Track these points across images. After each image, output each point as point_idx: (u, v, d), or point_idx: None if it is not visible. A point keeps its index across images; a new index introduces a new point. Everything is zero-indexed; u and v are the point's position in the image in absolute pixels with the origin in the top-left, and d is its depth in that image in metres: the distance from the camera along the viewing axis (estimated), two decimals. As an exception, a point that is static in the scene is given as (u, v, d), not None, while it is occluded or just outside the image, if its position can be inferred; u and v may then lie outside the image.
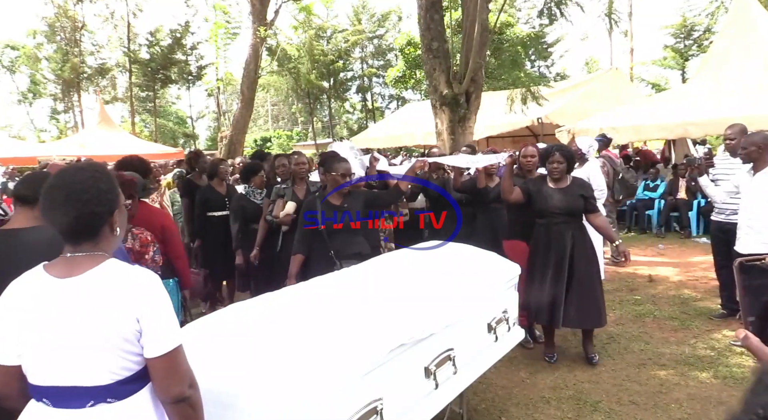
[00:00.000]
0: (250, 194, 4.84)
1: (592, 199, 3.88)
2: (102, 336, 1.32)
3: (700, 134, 9.10)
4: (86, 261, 1.39)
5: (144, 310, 1.35)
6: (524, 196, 3.92)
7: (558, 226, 3.80)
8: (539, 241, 3.88)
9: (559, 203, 3.79)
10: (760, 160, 3.92)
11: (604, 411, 3.26)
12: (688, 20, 27.02)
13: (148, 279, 1.40)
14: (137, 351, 1.37)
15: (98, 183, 1.41)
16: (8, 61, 30.61)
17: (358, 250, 3.46)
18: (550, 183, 3.88)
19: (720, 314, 4.74)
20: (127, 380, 1.37)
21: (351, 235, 3.50)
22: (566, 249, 3.76)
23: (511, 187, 3.91)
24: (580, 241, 3.81)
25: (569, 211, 3.79)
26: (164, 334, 1.37)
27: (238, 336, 1.87)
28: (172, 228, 3.58)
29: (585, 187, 3.92)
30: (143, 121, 34.63)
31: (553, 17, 7.97)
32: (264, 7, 17.22)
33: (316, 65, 23.58)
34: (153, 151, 15.58)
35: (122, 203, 1.50)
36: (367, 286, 2.47)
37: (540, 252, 3.84)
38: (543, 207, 3.84)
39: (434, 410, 2.14)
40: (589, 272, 3.81)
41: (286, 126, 42.56)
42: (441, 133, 7.63)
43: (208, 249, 5.15)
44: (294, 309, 2.15)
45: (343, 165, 3.57)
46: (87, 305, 1.33)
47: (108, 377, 1.35)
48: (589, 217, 3.89)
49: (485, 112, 9.22)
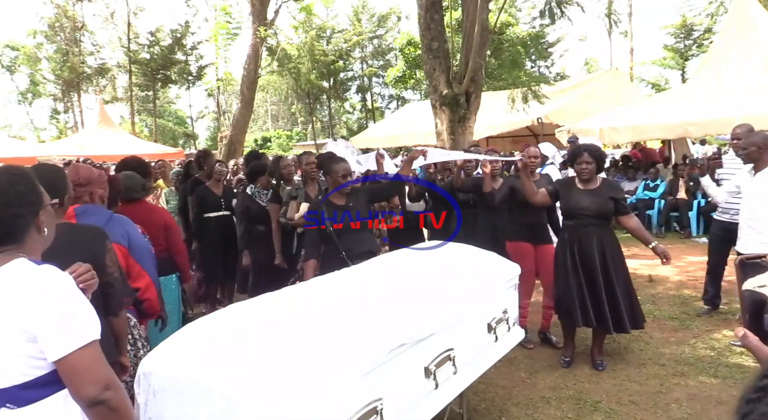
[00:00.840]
0: (255, 195, 4.80)
1: (622, 200, 3.81)
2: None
3: (700, 134, 9.11)
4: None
5: (35, 312, 1.29)
6: (552, 198, 3.87)
7: (587, 228, 3.72)
8: (567, 242, 3.80)
9: (589, 205, 3.71)
10: (760, 161, 3.92)
11: (604, 411, 3.26)
12: (688, 20, 27.04)
13: (47, 278, 1.34)
14: (36, 355, 1.30)
15: (16, 185, 1.40)
16: (8, 61, 30.62)
17: (368, 248, 3.46)
18: (579, 184, 3.79)
19: (705, 310, 4.91)
20: (27, 385, 1.31)
21: (359, 233, 3.51)
22: (594, 251, 3.68)
23: (533, 189, 3.87)
24: (609, 244, 3.74)
25: (599, 214, 3.71)
26: (61, 336, 1.29)
27: (238, 336, 1.87)
28: (174, 225, 3.80)
29: (615, 189, 3.85)
30: (143, 121, 34.64)
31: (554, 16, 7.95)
32: (264, 7, 17.20)
33: (317, 65, 23.57)
34: (153, 151, 15.58)
35: (47, 203, 1.48)
36: (367, 286, 2.47)
37: (567, 253, 3.77)
38: (572, 208, 3.77)
39: (434, 410, 2.14)
40: (620, 275, 3.74)
41: (286, 126, 42.55)
42: (441, 133, 7.63)
43: (205, 251, 5.10)
44: (294, 309, 2.15)
45: (342, 165, 3.57)
46: None
47: (5, 381, 1.30)
48: (622, 219, 3.81)
49: (485, 112, 9.21)
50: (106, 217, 2.48)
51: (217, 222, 5.11)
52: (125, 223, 2.61)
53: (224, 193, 5.23)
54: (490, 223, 4.32)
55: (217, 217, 5.11)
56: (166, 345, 1.87)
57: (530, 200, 3.90)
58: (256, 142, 32.72)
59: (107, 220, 2.45)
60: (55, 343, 1.29)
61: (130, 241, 2.55)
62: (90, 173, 2.56)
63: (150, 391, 1.70)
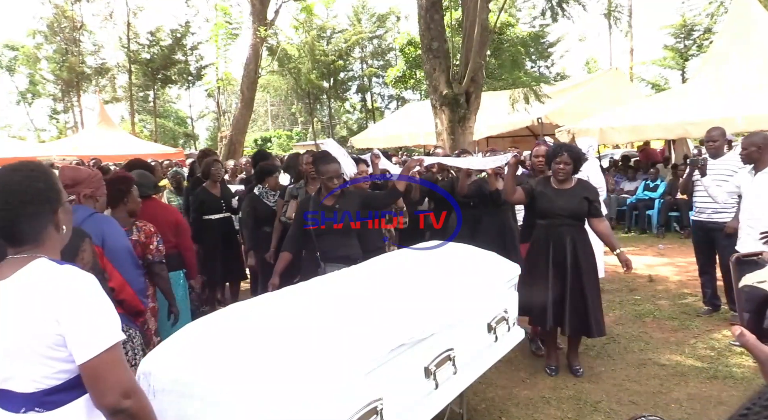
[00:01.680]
0: (263, 195, 4.73)
1: (596, 202, 3.76)
2: (24, 342, 1.26)
3: (699, 134, 9.07)
4: (18, 263, 1.32)
5: (64, 312, 1.26)
6: (527, 197, 3.81)
7: (559, 229, 3.68)
8: (538, 242, 3.78)
9: (563, 205, 3.68)
10: (760, 161, 3.92)
11: (604, 411, 3.26)
12: (688, 20, 27.02)
13: (74, 278, 1.31)
14: (64, 358, 1.28)
15: (36, 182, 1.35)
16: (7, 61, 30.60)
17: (345, 253, 3.35)
18: (554, 184, 3.77)
19: (705, 311, 4.92)
20: (53, 390, 1.29)
21: (341, 236, 3.42)
22: (566, 252, 3.64)
23: (513, 187, 3.81)
24: (581, 246, 3.68)
25: (572, 214, 3.68)
26: (90, 337, 1.26)
27: (239, 335, 1.87)
28: (184, 224, 4.01)
29: (590, 190, 3.79)
30: (143, 121, 34.64)
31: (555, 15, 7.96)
32: (264, 7, 17.20)
33: (317, 65, 23.58)
34: (153, 151, 15.58)
35: (65, 201, 1.44)
36: (368, 285, 2.46)
37: (539, 253, 3.73)
38: (546, 208, 3.74)
39: (434, 410, 2.14)
40: (590, 279, 3.68)
41: (286, 126, 42.56)
42: (441, 133, 7.63)
43: (206, 253, 4.98)
44: (294, 309, 2.15)
45: (331, 166, 3.45)
46: (10, 309, 1.27)
47: (32, 386, 1.28)
48: (592, 221, 3.76)
49: (485, 112, 9.22)
50: (83, 217, 2.45)
51: (219, 224, 5.03)
52: (104, 222, 2.58)
53: (223, 194, 5.16)
54: (497, 225, 4.25)
55: (217, 219, 5.04)
56: (166, 345, 1.87)
57: (506, 198, 3.88)
58: (256, 142, 32.70)
59: (83, 219, 2.42)
60: (84, 345, 1.26)
61: (104, 241, 2.50)
62: (77, 174, 2.62)
63: (150, 391, 1.70)
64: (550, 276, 3.65)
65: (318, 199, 3.50)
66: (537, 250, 3.77)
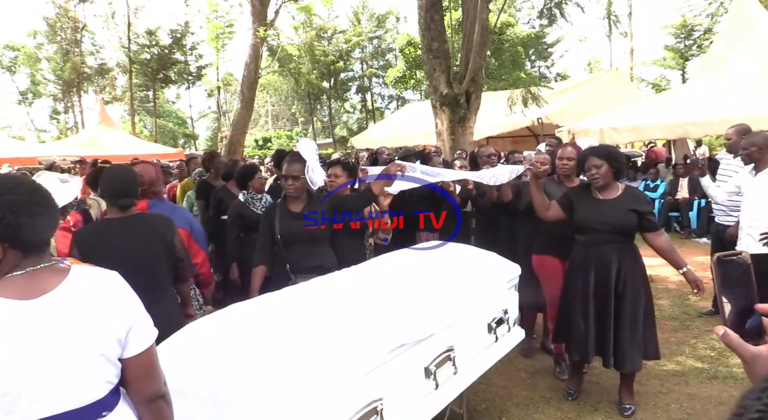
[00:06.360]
0: (248, 202, 4.26)
1: (649, 214, 3.16)
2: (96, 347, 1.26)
3: (700, 134, 9.10)
4: (50, 275, 1.28)
5: (133, 311, 1.35)
6: (565, 212, 3.27)
7: (600, 246, 3.12)
8: (577, 262, 3.23)
9: (604, 218, 3.11)
10: (761, 161, 3.92)
11: (604, 411, 3.26)
12: (688, 20, 27.04)
13: (116, 279, 1.38)
14: (119, 355, 1.33)
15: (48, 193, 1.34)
16: (8, 62, 30.61)
17: (318, 263, 3.03)
18: (596, 193, 3.21)
19: (708, 311, 4.93)
20: (115, 389, 1.35)
21: (311, 245, 3.09)
22: (610, 274, 3.08)
23: (545, 202, 3.32)
24: (630, 266, 3.11)
25: (616, 229, 3.10)
26: (143, 332, 1.36)
27: (239, 336, 1.87)
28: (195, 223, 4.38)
29: (639, 200, 3.18)
30: (143, 121, 34.65)
31: (553, 18, 7.97)
32: (264, 7, 17.19)
33: (317, 65, 23.60)
34: (153, 152, 15.60)
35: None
36: (368, 286, 2.46)
37: (578, 276, 3.20)
38: (583, 221, 3.18)
39: (434, 410, 2.14)
40: (641, 306, 3.12)
41: (286, 126, 42.57)
42: (441, 133, 7.64)
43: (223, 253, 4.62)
44: (294, 309, 2.14)
45: (292, 166, 3.11)
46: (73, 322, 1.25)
47: (104, 388, 1.30)
48: (648, 237, 3.18)
49: (485, 112, 9.24)
50: (171, 208, 3.28)
51: None
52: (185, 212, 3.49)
53: None
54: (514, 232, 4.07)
55: None
56: (166, 345, 1.87)
57: (541, 216, 3.35)
58: (257, 142, 32.71)
59: (173, 210, 3.18)
60: (139, 340, 1.34)
61: (191, 225, 3.27)
62: (152, 174, 3.17)
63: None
64: (591, 302, 3.15)
65: (284, 205, 3.20)
66: (575, 271, 3.24)
